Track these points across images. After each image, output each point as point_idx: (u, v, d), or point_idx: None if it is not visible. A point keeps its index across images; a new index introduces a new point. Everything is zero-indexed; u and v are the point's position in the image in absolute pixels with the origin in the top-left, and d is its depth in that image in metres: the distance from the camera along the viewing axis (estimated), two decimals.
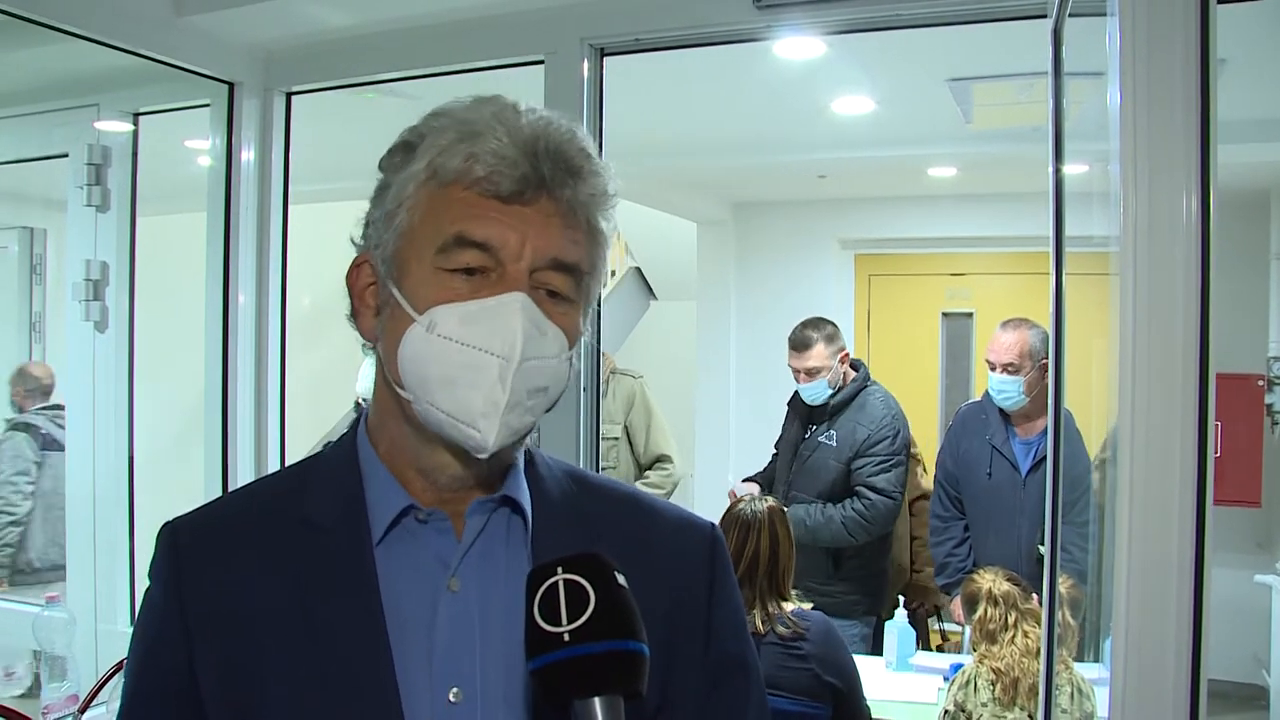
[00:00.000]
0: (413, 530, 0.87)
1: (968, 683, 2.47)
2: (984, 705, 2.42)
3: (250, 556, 0.86)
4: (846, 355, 3.40)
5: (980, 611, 2.55)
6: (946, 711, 2.49)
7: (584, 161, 0.83)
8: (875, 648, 3.33)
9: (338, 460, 0.91)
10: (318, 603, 0.83)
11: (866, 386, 3.40)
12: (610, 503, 0.96)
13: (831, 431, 3.35)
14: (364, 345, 0.91)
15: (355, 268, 0.89)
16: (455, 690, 0.83)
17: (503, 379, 0.80)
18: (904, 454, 3.33)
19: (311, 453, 1.01)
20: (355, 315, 0.89)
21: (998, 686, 2.42)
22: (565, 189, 0.82)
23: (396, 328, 0.83)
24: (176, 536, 0.89)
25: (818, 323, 3.41)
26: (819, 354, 3.33)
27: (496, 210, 0.81)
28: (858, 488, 3.29)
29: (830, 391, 3.36)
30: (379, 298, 0.87)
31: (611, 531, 0.91)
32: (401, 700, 0.81)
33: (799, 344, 3.37)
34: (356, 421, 0.94)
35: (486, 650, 0.84)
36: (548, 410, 0.86)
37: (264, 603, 0.84)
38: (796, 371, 3.39)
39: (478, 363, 0.80)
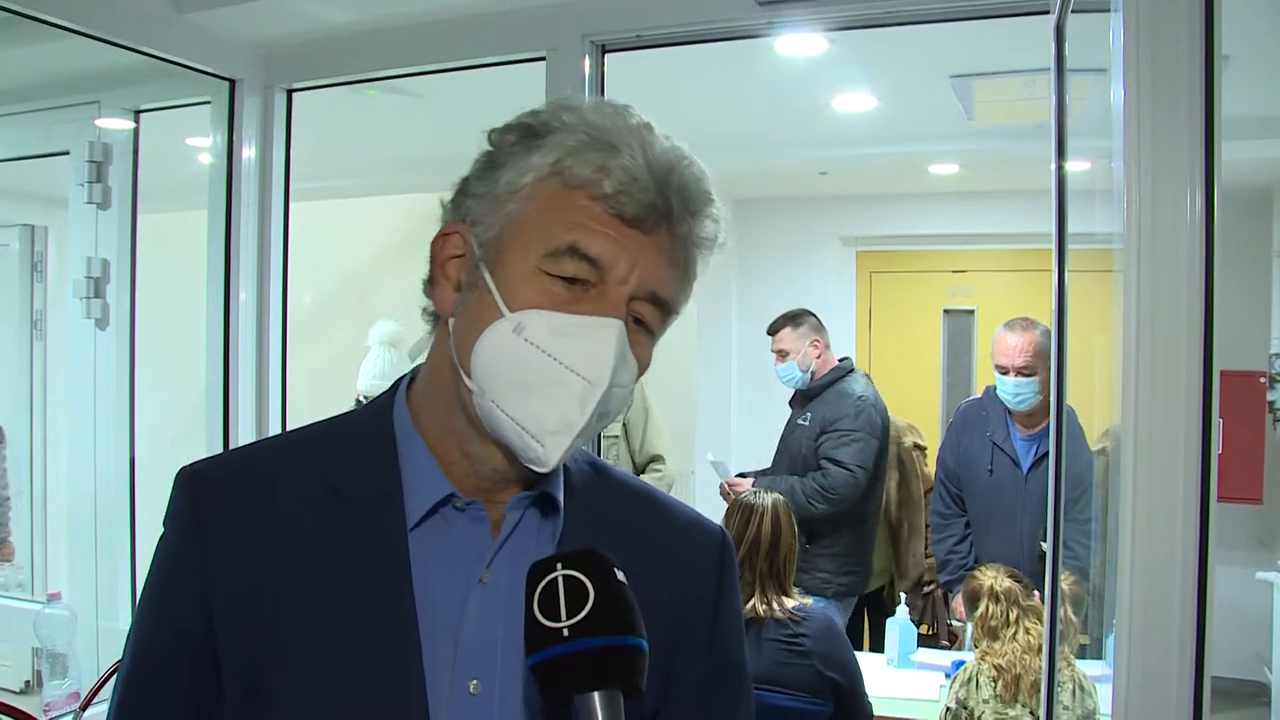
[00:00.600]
0: (449, 518, 0.85)
1: (969, 679, 2.47)
2: (986, 702, 2.42)
3: (274, 520, 0.84)
4: (817, 342, 3.62)
5: (982, 608, 2.55)
6: (948, 708, 2.49)
7: (706, 205, 0.83)
8: (854, 638, 3.45)
9: (370, 428, 0.89)
10: (345, 579, 0.82)
11: (847, 375, 3.61)
12: (626, 497, 0.96)
13: (808, 413, 3.57)
14: (425, 312, 0.88)
15: (443, 236, 0.86)
16: (475, 682, 0.82)
17: (584, 403, 0.78)
18: (866, 431, 3.46)
19: None
20: (432, 284, 0.86)
21: (999, 683, 2.42)
22: (683, 225, 0.81)
23: (481, 316, 0.81)
24: (198, 485, 0.86)
25: (790, 312, 3.72)
26: (785, 337, 3.64)
27: (616, 230, 0.79)
28: (820, 460, 3.45)
29: (801, 374, 3.60)
30: (464, 274, 0.84)
31: (625, 527, 0.91)
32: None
33: (769, 329, 3.72)
34: (394, 387, 0.91)
35: (509, 644, 0.83)
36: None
37: (287, 571, 0.82)
38: (774, 354, 3.69)
39: (560, 378, 0.78)
